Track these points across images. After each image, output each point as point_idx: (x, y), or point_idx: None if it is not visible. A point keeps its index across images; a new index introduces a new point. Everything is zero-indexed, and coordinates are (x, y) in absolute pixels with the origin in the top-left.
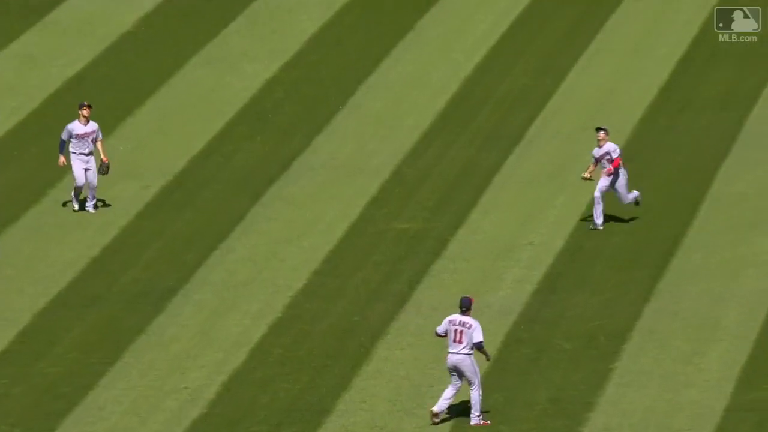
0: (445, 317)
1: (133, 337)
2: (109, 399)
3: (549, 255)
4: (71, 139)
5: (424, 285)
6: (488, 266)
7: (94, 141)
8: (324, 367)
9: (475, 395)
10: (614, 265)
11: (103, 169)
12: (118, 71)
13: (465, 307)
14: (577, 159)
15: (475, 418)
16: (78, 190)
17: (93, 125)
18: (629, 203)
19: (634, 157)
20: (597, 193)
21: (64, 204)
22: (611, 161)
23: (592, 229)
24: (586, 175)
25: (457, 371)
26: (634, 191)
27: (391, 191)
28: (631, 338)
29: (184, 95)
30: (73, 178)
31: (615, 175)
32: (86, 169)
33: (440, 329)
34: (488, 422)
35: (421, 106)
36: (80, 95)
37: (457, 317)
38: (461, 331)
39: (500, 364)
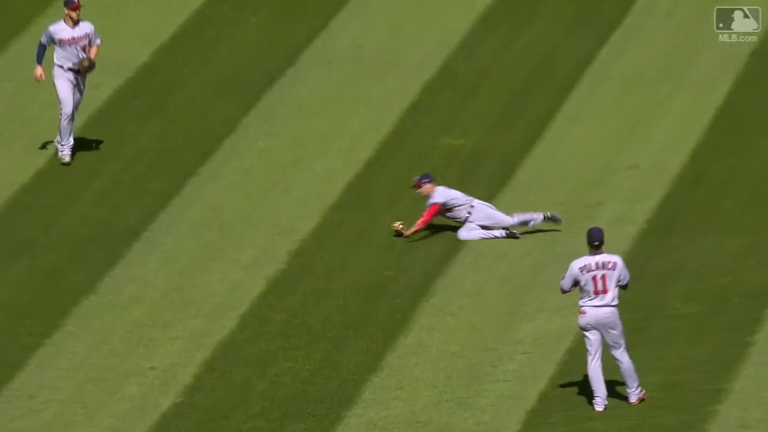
0: (514, 269)
1: (79, 298)
2: (45, 383)
3: (660, 183)
4: (55, 47)
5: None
6: (574, 199)
7: (87, 48)
8: (345, 340)
9: (629, 359)
10: (752, 198)
11: (85, 63)
12: None
13: (598, 241)
14: (702, 48)
15: (635, 392)
16: (67, 123)
17: (86, 27)
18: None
19: None
20: (477, 234)
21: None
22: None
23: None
24: (400, 227)
25: (600, 331)
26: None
27: (438, 94)
28: None
29: None
30: (59, 103)
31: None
32: (73, 92)
33: (567, 283)
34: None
35: None
36: None
37: (592, 259)
38: (604, 276)
39: None
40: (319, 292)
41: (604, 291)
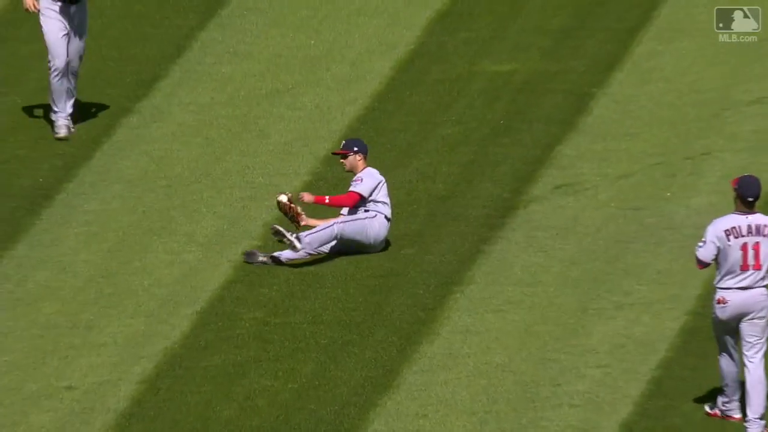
0: (584, 247)
1: None
2: None
3: None
4: None
5: (545, 179)
6: (672, 147)
7: None
8: (344, 348)
9: (764, 369)
10: None
11: None
12: None
13: (753, 197)
14: None
15: (758, 421)
16: (58, 81)
17: None
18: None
19: None
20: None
21: None
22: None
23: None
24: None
25: (740, 321)
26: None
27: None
28: None
29: None
30: (47, 50)
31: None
32: (66, 36)
33: (710, 252)
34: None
35: None
36: None
37: (743, 220)
38: (757, 245)
39: (693, 331)
40: (309, 280)
41: (756, 266)
